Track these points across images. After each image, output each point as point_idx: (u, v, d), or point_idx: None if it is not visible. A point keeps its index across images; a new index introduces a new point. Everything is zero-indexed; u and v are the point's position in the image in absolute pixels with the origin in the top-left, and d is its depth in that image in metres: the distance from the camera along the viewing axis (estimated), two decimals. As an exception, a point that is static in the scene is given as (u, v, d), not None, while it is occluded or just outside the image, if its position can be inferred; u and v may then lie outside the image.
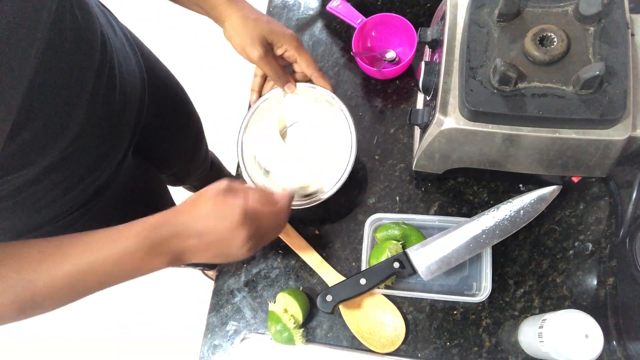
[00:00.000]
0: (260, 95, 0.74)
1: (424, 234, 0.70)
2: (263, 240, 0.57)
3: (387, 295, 0.70)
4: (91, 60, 0.58)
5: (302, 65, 0.70)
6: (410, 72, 0.83)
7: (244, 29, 0.65)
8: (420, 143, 0.64)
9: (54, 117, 0.53)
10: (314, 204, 0.69)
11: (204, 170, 1.19)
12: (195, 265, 1.53)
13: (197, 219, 0.51)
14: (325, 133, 0.77)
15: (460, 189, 0.75)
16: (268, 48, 0.67)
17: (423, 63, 0.63)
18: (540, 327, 0.59)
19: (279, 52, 0.69)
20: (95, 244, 0.50)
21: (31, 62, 0.46)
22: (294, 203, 0.69)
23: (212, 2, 0.66)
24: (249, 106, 0.74)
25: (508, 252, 0.71)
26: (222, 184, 0.53)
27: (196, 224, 0.51)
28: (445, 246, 0.63)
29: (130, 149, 0.73)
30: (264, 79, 0.75)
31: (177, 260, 0.53)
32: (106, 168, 0.68)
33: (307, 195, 0.75)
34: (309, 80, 0.73)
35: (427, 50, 0.74)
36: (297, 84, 0.73)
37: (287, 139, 0.78)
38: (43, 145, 0.54)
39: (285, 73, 0.71)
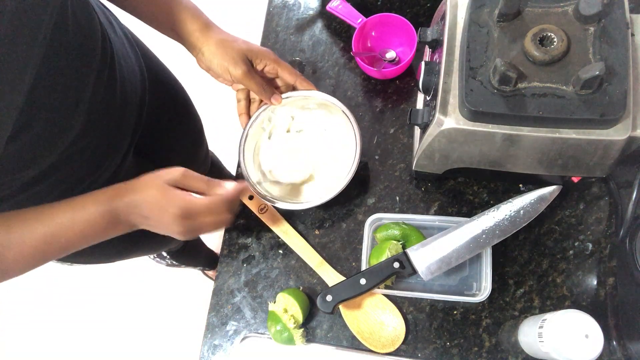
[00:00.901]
0: (249, 117, 0.76)
1: (424, 234, 0.70)
2: (201, 232, 0.61)
3: (387, 295, 0.70)
4: (92, 59, 0.58)
5: (284, 75, 0.72)
6: (410, 72, 0.83)
7: (223, 51, 0.67)
8: (420, 143, 0.64)
9: (55, 117, 0.54)
10: (319, 203, 0.69)
11: (204, 170, 1.19)
12: (196, 265, 1.53)
13: (144, 202, 0.56)
14: (327, 136, 0.78)
15: (460, 189, 0.75)
16: (249, 65, 0.69)
17: (423, 63, 0.63)
18: (540, 327, 0.59)
19: (259, 67, 0.71)
20: (60, 214, 0.54)
21: (34, 62, 0.46)
22: (300, 206, 0.71)
23: (188, 29, 0.67)
24: (244, 129, 0.76)
25: (508, 252, 0.71)
26: (175, 172, 0.57)
27: (143, 206, 0.56)
28: (445, 246, 0.63)
29: (131, 149, 0.73)
30: (248, 101, 0.76)
31: (133, 228, 0.59)
32: (107, 168, 0.68)
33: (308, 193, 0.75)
34: (293, 90, 0.75)
35: (427, 50, 0.75)
36: (300, 92, 0.75)
37: (288, 144, 0.79)
38: (45, 145, 0.54)
39: (270, 86, 0.73)
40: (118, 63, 0.65)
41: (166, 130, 0.88)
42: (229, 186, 0.60)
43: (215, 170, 1.31)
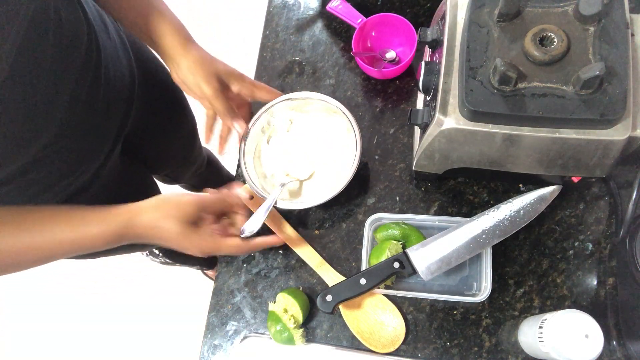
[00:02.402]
0: (211, 133, 0.76)
1: (424, 234, 0.70)
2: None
3: (387, 295, 0.70)
4: (73, 62, 0.57)
5: (261, 94, 0.72)
6: (410, 72, 0.83)
7: (201, 67, 0.67)
8: (420, 143, 0.64)
9: (26, 119, 0.52)
10: (319, 203, 0.69)
11: (198, 168, 1.19)
12: (193, 264, 1.53)
13: (162, 237, 0.59)
14: (327, 137, 0.78)
15: (460, 189, 0.75)
16: (222, 85, 0.68)
17: (423, 63, 0.63)
18: (540, 327, 0.59)
19: (234, 88, 0.70)
20: (71, 222, 0.56)
21: (4, 58, 0.46)
22: (300, 205, 0.71)
23: (168, 41, 0.67)
24: (242, 140, 0.76)
25: (508, 252, 0.71)
26: (190, 208, 0.59)
27: (161, 239, 0.59)
28: (445, 246, 0.63)
29: (114, 151, 0.72)
30: (214, 119, 0.75)
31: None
32: (86, 170, 0.67)
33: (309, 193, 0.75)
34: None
35: (427, 50, 0.75)
36: (300, 93, 0.75)
37: (288, 145, 0.79)
38: (15, 147, 0.53)
39: (236, 112, 0.72)
40: (105, 67, 0.65)
41: (158, 130, 0.88)
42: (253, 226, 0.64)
43: (214, 169, 1.31)
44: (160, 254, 1.33)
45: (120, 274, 1.72)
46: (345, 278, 0.69)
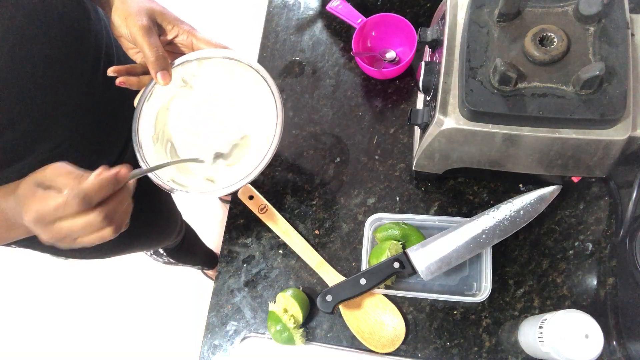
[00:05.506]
0: (127, 73, 0.61)
1: (424, 234, 0.70)
2: (72, 239, 0.48)
3: (387, 295, 0.70)
4: (83, 56, 0.57)
5: (201, 45, 0.62)
6: (410, 72, 0.83)
7: (132, 3, 0.57)
8: (420, 143, 0.64)
9: (38, 112, 0.52)
10: (243, 183, 0.60)
11: None
12: (194, 264, 1.53)
13: (17, 202, 0.47)
14: (242, 107, 0.67)
15: (460, 189, 0.75)
16: (154, 25, 0.58)
17: (423, 63, 0.63)
18: (540, 327, 0.59)
19: (169, 36, 0.61)
20: None
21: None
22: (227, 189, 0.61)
23: None
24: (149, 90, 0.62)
25: (508, 252, 0.71)
26: (44, 168, 0.46)
27: (19, 207, 0.47)
28: (445, 246, 0.63)
29: (127, 148, 0.72)
30: (142, 68, 0.63)
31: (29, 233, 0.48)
32: (100, 166, 0.67)
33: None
34: None
35: (427, 50, 0.75)
36: (211, 51, 0.63)
37: (201, 117, 0.67)
38: (31, 140, 0.53)
39: (166, 58, 0.59)
40: (117, 62, 0.65)
41: None
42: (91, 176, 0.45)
43: None
44: (164, 254, 1.33)
45: (120, 274, 1.72)
46: (345, 278, 0.69)
